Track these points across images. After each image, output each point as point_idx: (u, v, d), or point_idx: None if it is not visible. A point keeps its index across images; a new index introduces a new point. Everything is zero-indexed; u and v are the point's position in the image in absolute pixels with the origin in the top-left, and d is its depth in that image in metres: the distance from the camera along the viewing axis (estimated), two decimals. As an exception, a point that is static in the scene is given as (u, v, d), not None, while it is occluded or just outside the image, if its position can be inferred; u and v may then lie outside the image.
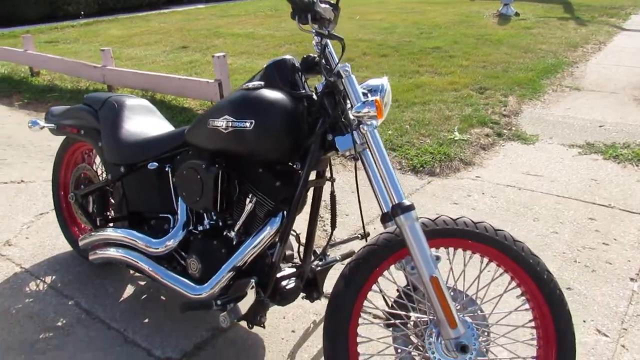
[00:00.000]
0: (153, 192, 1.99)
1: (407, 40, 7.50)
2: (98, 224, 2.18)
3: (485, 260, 1.54)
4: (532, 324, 1.52)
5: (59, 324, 2.11)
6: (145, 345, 1.97)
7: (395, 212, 1.43)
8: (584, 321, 2.03)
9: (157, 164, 1.93)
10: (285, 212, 1.67)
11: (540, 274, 1.47)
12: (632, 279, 2.28)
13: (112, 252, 2.03)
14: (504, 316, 1.61)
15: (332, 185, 1.79)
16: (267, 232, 1.67)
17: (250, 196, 1.69)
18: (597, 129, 4.16)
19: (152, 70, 6.02)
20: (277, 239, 1.69)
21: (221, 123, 1.63)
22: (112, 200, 2.23)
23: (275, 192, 1.66)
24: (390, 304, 1.62)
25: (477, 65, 6.06)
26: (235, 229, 1.75)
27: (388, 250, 1.48)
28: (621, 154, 3.61)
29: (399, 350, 1.55)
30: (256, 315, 1.66)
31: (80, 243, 2.22)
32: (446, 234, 1.50)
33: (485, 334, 1.54)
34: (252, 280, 1.60)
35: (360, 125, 1.49)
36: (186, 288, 1.76)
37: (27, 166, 3.88)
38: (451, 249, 1.55)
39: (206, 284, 1.73)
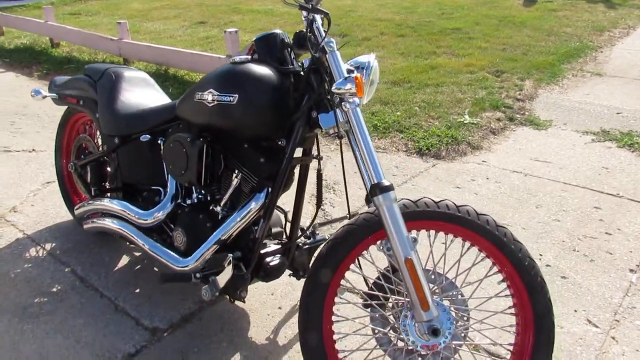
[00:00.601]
0: (145, 164, 2.00)
1: (427, 21, 7.32)
2: (94, 193, 2.20)
3: (467, 244, 1.51)
4: (512, 310, 1.49)
5: (54, 289, 2.16)
6: (134, 315, 2.00)
7: (373, 191, 1.40)
8: (575, 311, 1.98)
9: (149, 137, 1.93)
10: (270, 189, 1.66)
11: (521, 260, 1.44)
12: (631, 270, 2.22)
13: (105, 222, 2.05)
14: (483, 301, 1.58)
15: (319, 163, 1.77)
16: (252, 208, 1.66)
17: (236, 172, 1.68)
18: (615, 116, 4.02)
19: (169, 44, 6.01)
20: (261, 215, 1.68)
21: (206, 97, 1.62)
22: (109, 171, 2.25)
23: (260, 168, 1.65)
24: (369, 285, 1.61)
25: (497, 47, 5.89)
26: (222, 203, 1.75)
27: (366, 231, 1.46)
28: (637, 143, 3.48)
29: (376, 331, 1.54)
30: (236, 290, 1.66)
31: (76, 211, 2.25)
32: (425, 216, 1.47)
33: (464, 318, 1.52)
34: (230, 255, 1.60)
35: (343, 103, 1.45)
36: (171, 260, 1.78)
37: (39, 135, 3.94)
38: (432, 232, 1.52)
39: (190, 257, 1.74)
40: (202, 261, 1.72)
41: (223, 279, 1.58)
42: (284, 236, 1.91)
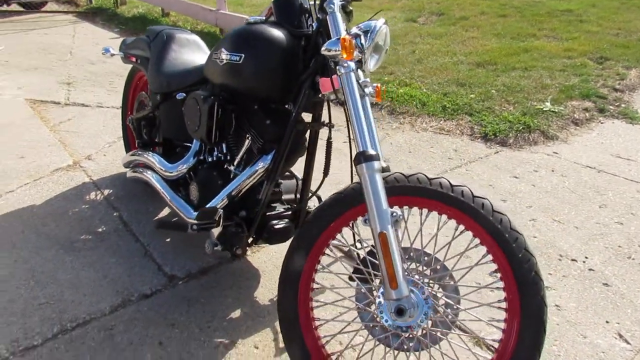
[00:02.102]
0: (179, 121, 2.09)
1: (535, 1, 6.75)
2: (138, 145, 2.35)
3: (461, 227, 1.40)
4: (504, 305, 1.36)
5: (100, 229, 2.37)
6: (158, 261, 2.13)
7: (357, 160, 1.35)
8: (607, 322, 1.76)
9: (184, 95, 2.02)
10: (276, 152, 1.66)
11: (514, 251, 1.30)
12: (694, 289, 1.92)
13: (140, 172, 2.20)
14: (472, 291, 1.47)
15: (330, 131, 1.73)
16: (258, 169, 1.68)
17: (245, 132, 1.71)
18: None
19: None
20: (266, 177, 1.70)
21: (219, 56, 1.65)
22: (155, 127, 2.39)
23: (266, 130, 1.66)
24: (358, 258, 1.56)
25: (609, 32, 5.28)
26: (235, 163, 1.79)
27: (353, 201, 1.42)
28: None
29: (358, 305, 1.49)
30: (232, 246, 1.70)
31: (122, 161, 2.43)
32: (413, 192, 1.38)
33: (453, 307, 1.42)
34: (220, 210, 1.64)
35: (337, 67, 1.40)
36: (184, 211, 1.86)
37: (129, 95, 4.28)
38: (425, 211, 1.43)
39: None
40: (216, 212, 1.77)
41: (214, 233, 1.63)
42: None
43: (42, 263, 2.12)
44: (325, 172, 1.81)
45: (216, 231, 1.76)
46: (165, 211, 2.50)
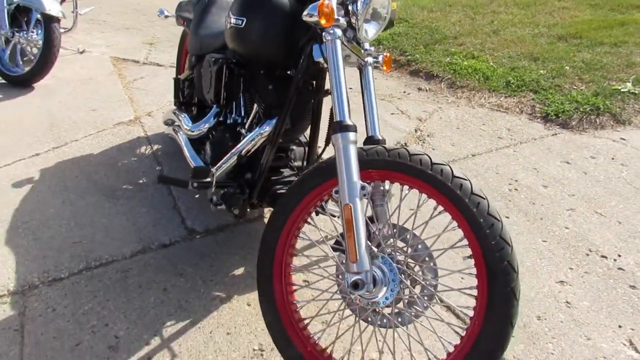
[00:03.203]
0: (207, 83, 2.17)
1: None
2: (175, 105, 2.47)
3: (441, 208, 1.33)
4: (474, 292, 1.29)
5: (140, 181, 2.55)
6: (183, 214, 2.26)
7: (333, 129, 1.32)
8: (620, 327, 1.61)
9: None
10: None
11: (487, 237, 1.22)
12: None
13: (172, 130, 2.32)
14: (448, 274, 1.40)
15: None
16: (261, 133, 1.71)
17: (252, 96, 1.73)
18: None
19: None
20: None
21: (228, 20, 1.67)
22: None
23: (268, 95, 1.67)
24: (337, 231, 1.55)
25: None
26: (246, 126, 1.83)
27: (329, 174, 1.39)
28: None
29: (339, 276, 1.49)
30: (231, 206, 1.76)
31: (163, 119, 2.57)
32: (387, 166, 1.33)
33: (429, 285, 1.37)
34: (213, 170, 1.69)
35: (323, 34, 1.36)
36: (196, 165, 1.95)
37: (201, 57, 4.47)
38: (399, 186, 1.37)
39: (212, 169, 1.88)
40: (219, 174, 1.83)
41: (210, 192, 1.69)
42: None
43: (85, 207, 2.33)
44: (327, 140, 1.80)
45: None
46: (202, 169, 2.62)
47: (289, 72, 1.64)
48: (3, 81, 3.87)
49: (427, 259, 1.38)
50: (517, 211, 2.18)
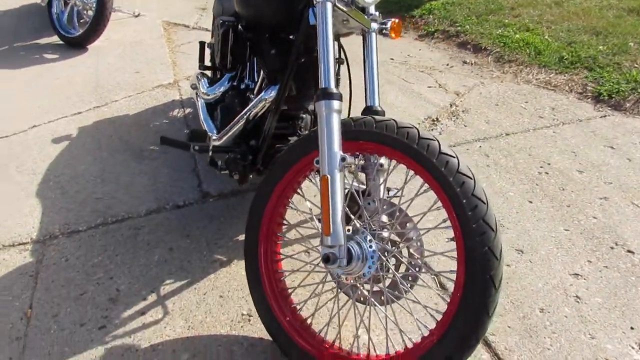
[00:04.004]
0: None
1: None
2: (199, 68, 2.48)
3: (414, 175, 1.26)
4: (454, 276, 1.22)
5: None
6: (201, 177, 2.30)
7: (318, 96, 1.27)
8: (632, 328, 1.47)
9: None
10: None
11: (469, 220, 1.14)
12: None
13: (194, 93, 2.33)
14: (429, 255, 1.32)
15: (339, 67, 1.64)
16: (265, 98, 1.67)
17: (258, 61, 1.70)
18: None
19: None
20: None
21: (234, -19, 1.63)
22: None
23: (271, 60, 1.63)
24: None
25: None
26: (254, 92, 1.81)
27: (313, 146, 1.34)
28: None
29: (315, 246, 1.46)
30: (232, 171, 1.76)
31: (190, 82, 2.59)
32: (370, 137, 1.26)
33: (413, 265, 1.32)
34: (210, 133, 1.68)
35: (315, -3, 1.30)
36: (209, 130, 1.95)
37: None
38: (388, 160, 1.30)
39: (220, 132, 1.88)
40: (227, 138, 1.83)
41: (207, 156, 1.69)
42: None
43: (113, 165, 2.42)
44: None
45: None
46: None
47: (291, 37, 1.58)
48: (61, 42, 4.06)
49: (413, 238, 1.32)
50: (543, 196, 2.03)
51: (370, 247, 1.27)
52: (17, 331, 1.55)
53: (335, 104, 1.25)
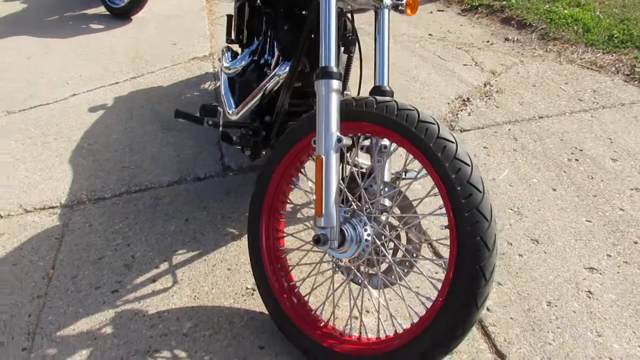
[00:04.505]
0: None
1: None
2: (226, 41, 2.48)
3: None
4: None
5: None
6: (224, 151, 2.33)
7: (317, 74, 1.24)
8: (646, 328, 1.39)
9: (255, -4, 2.04)
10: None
11: (462, 208, 1.09)
12: None
13: (219, 65, 2.35)
14: (419, 242, 1.29)
15: (347, 44, 1.59)
16: (279, 74, 1.66)
17: (272, 37, 1.68)
18: None
19: None
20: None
21: (251, -45, 1.61)
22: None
23: (284, 36, 1.61)
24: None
25: None
26: (271, 67, 1.80)
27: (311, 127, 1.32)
28: None
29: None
30: (243, 147, 1.77)
31: (216, 57, 2.61)
32: (369, 118, 1.23)
33: (408, 251, 1.29)
34: (219, 108, 1.68)
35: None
36: (227, 104, 1.97)
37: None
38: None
39: (236, 107, 1.90)
40: (241, 111, 1.84)
41: (219, 131, 1.70)
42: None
43: (142, 135, 2.49)
44: (343, 86, 1.70)
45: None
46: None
47: (304, 13, 1.55)
48: (107, 13, 4.17)
49: (412, 223, 1.29)
50: (569, 184, 1.93)
51: (365, 230, 1.25)
52: (39, 289, 1.65)
53: (335, 83, 1.22)
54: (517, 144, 2.18)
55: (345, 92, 1.72)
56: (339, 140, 1.21)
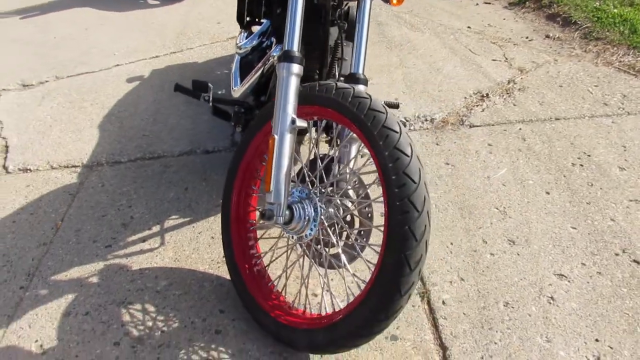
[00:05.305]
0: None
1: None
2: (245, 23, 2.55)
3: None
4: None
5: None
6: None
7: (279, 57, 1.29)
8: (597, 340, 1.34)
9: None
10: None
11: (394, 197, 1.11)
12: None
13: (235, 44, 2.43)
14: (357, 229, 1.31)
15: (342, 31, 1.61)
16: (274, 55, 1.72)
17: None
18: None
19: None
20: None
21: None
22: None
23: (275, 19, 1.66)
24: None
25: None
26: (271, 50, 1.85)
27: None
28: None
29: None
30: (235, 124, 1.85)
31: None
32: (321, 102, 1.26)
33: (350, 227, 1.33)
34: (209, 85, 1.76)
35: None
36: (233, 82, 2.05)
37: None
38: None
39: (239, 85, 1.98)
40: (243, 89, 1.91)
41: (209, 107, 1.79)
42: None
43: (167, 107, 2.64)
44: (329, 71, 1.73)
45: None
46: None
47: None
48: (165, -11, 4.38)
49: (366, 209, 1.32)
50: (565, 189, 1.86)
51: (315, 210, 1.30)
52: (46, 238, 1.83)
53: (295, 67, 1.26)
54: (524, 144, 2.11)
55: (336, 77, 1.74)
56: (293, 121, 1.26)
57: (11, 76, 3.02)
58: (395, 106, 1.83)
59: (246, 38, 2.21)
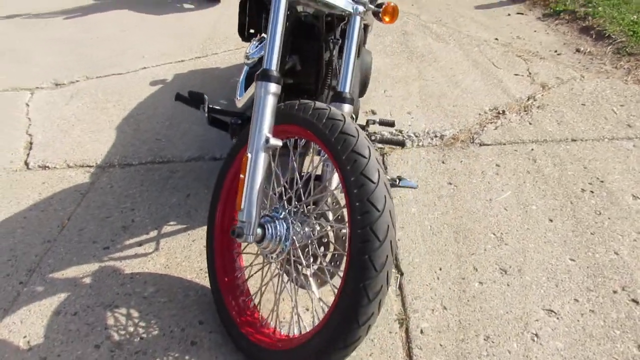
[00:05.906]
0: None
1: None
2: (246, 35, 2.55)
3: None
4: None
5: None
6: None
7: (257, 76, 1.27)
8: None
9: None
10: None
11: (357, 222, 1.08)
12: None
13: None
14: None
15: (335, 48, 1.59)
16: None
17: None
18: None
19: None
20: None
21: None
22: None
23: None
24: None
25: None
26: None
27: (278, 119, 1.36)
28: None
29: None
30: (231, 135, 1.84)
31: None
32: (295, 121, 1.24)
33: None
34: (205, 95, 1.76)
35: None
36: (239, 93, 2.05)
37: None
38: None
39: (241, 96, 1.98)
40: (245, 102, 1.92)
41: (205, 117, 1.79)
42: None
43: (183, 112, 2.68)
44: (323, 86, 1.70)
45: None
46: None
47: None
48: (200, -6, 4.46)
49: (340, 230, 1.29)
50: (570, 217, 1.75)
51: (287, 230, 1.28)
52: (51, 235, 1.89)
53: (272, 86, 1.25)
54: (534, 166, 2.01)
55: (327, 93, 1.71)
56: (267, 140, 1.24)
57: (47, 74, 3.15)
58: (390, 124, 1.78)
59: (255, 49, 2.21)
